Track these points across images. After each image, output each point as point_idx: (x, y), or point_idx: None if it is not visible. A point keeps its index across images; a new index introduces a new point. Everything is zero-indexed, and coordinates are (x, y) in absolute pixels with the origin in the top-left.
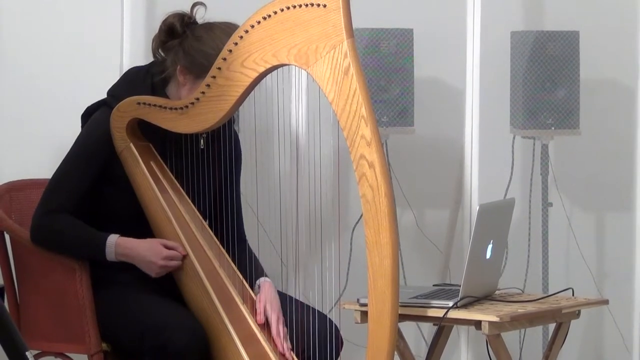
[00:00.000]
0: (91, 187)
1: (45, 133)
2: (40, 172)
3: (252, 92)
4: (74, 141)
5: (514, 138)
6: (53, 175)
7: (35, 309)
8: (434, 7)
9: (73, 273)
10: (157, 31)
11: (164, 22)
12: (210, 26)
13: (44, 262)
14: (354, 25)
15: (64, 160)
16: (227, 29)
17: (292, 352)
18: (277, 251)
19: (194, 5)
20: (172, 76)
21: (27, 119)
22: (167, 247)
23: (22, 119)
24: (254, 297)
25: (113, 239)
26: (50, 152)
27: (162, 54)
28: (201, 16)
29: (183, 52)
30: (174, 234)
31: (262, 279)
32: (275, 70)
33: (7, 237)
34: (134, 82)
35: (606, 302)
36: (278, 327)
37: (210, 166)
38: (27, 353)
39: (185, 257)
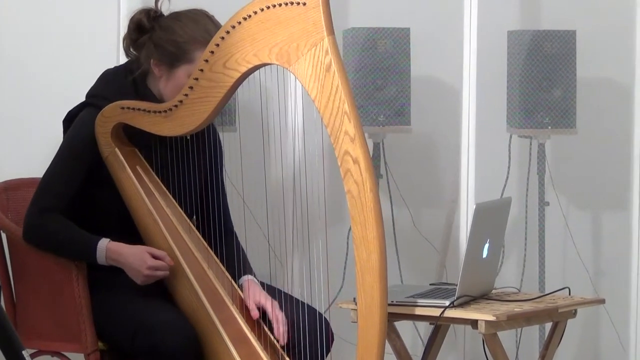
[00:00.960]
0: (81, 188)
1: (41, 132)
2: (37, 171)
3: (240, 90)
4: (62, 142)
5: (510, 137)
6: (43, 176)
7: (32, 308)
8: (431, 6)
9: (70, 272)
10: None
11: (131, 20)
12: (177, 15)
13: (41, 261)
14: (351, 24)
15: (53, 161)
16: (193, 16)
17: (286, 337)
18: (271, 250)
19: None
20: (149, 72)
21: (23, 118)
22: (155, 257)
23: (18, 118)
24: (244, 297)
25: (104, 243)
26: (47, 151)
27: (135, 52)
28: (166, 9)
29: (154, 46)
30: (161, 238)
31: (244, 278)
32: (261, 69)
33: (3, 236)
34: (115, 81)
35: (602, 301)
36: (275, 312)
37: (194, 162)
38: (23, 352)
39: (172, 266)
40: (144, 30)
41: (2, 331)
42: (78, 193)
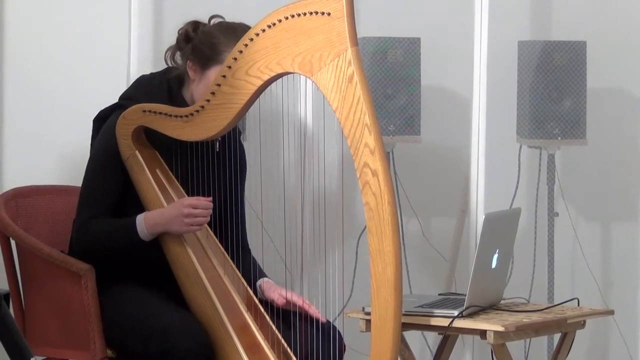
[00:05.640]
0: (120, 194)
1: (51, 139)
2: (47, 178)
3: (258, 100)
4: (91, 146)
5: (520, 147)
6: (81, 190)
7: (40, 315)
8: (441, 16)
9: (78, 279)
10: (174, 41)
11: (179, 32)
12: (219, 23)
13: (50, 268)
14: (362, 34)
15: (87, 172)
16: (234, 26)
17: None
18: (282, 259)
19: (212, 17)
20: (184, 78)
21: (33, 126)
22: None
23: (28, 125)
24: (258, 305)
25: (141, 216)
26: (57, 158)
27: (178, 61)
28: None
29: (192, 48)
30: (178, 242)
31: (261, 280)
32: (281, 78)
33: (13, 243)
34: (150, 86)
35: (612, 312)
36: (304, 302)
37: (216, 174)
38: (32, 359)
39: (188, 271)
40: (190, 39)
41: (10, 338)
42: (118, 199)
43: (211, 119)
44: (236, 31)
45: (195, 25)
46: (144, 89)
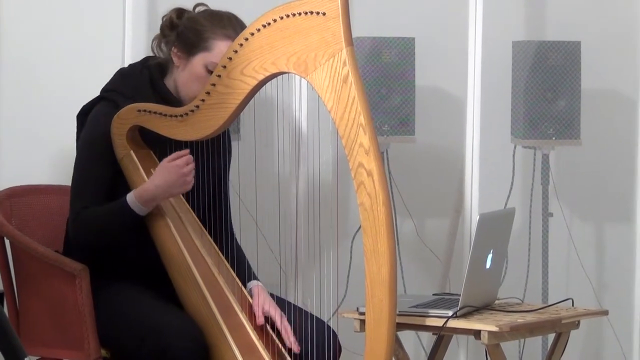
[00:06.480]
0: (111, 184)
1: (46, 139)
2: (41, 177)
3: (253, 99)
4: (76, 141)
5: (514, 148)
6: (72, 182)
7: (34, 315)
8: (436, 16)
9: (72, 279)
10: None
11: (163, 18)
12: (205, 10)
13: (44, 268)
14: (356, 34)
15: (76, 164)
16: (220, 13)
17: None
18: (277, 259)
19: (197, 5)
20: (167, 66)
21: (28, 125)
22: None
23: (23, 124)
24: (251, 302)
25: (130, 195)
26: (51, 158)
27: (164, 48)
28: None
29: (177, 35)
30: (172, 241)
31: (253, 282)
32: (276, 78)
33: (7, 242)
34: (130, 76)
35: (606, 312)
36: (283, 323)
37: (206, 164)
38: (25, 359)
39: (182, 271)
40: (174, 26)
41: (5, 338)
42: (111, 190)
43: (206, 119)
44: (222, 19)
45: (180, 12)
46: (125, 79)
